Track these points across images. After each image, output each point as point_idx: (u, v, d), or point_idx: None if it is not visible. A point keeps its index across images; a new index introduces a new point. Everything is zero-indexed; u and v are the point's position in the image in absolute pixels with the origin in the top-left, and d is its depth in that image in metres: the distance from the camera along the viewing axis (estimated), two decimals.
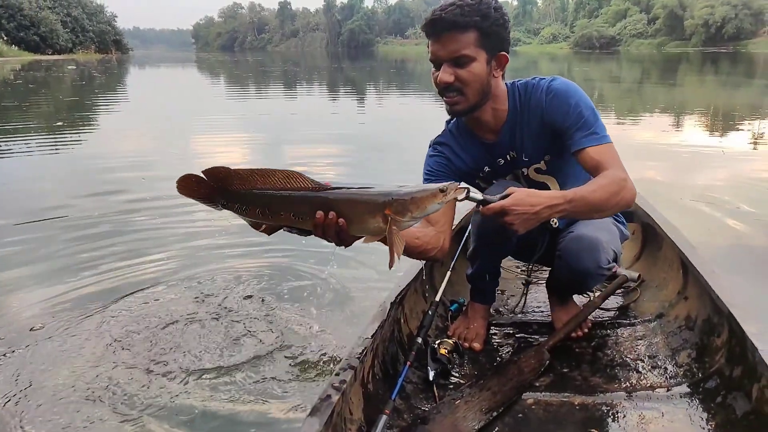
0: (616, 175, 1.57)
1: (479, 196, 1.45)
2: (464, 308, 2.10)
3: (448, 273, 2.08)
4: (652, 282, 2.29)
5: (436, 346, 1.79)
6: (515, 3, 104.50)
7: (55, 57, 51.77)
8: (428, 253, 1.71)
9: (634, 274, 2.28)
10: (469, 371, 1.83)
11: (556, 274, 1.97)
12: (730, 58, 37.07)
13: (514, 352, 1.92)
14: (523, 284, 2.45)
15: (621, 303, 2.22)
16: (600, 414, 1.57)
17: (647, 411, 1.55)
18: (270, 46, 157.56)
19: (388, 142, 7.49)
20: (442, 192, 1.25)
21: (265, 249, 3.33)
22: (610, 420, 1.54)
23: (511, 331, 2.06)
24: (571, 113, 1.64)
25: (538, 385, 1.70)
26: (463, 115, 1.73)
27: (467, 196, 1.36)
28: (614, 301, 2.22)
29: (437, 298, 1.94)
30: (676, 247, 2.16)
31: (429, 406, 1.64)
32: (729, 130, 8.46)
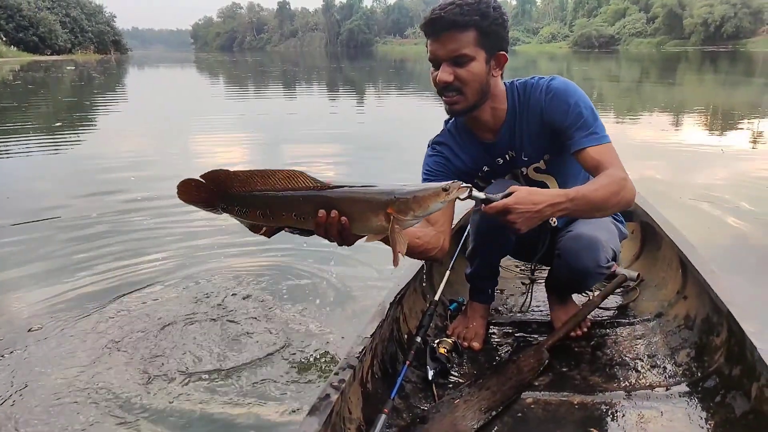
0: (616, 175, 1.57)
1: (481, 195, 1.44)
2: (463, 307, 2.10)
3: (447, 272, 2.08)
4: (652, 281, 2.29)
5: (436, 346, 1.79)
6: (514, 2, 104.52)
7: (54, 57, 51.78)
8: (429, 253, 1.71)
9: (633, 274, 2.28)
10: (468, 370, 1.82)
11: (555, 273, 1.97)
12: (729, 56, 37.08)
13: (514, 351, 1.91)
14: (524, 283, 2.46)
15: (620, 302, 2.22)
16: (599, 413, 1.57)
17: (646, 410, 1.55)
18: (269, 46, 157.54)
19: (387, 142, 7.49)
20: (445, 191, 1.24)
21: (264, 248, 3.32)
22: (609, 419, 1.54)
23: (511, 331, 2.06)
24: (570, 113, 1.64)
25: (537, 384, 1.70)
26: (462, 114, 1.72)
27: (470, 195, 1.35)
28: (613, 301, 2.22)
29: (436, 298, 1.94)
30: (676, 247, 2.16)
31: (428, 405, 1.63)
32: (728, 129, 8.46)
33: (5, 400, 1.94)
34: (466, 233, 2.12)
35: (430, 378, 1.71)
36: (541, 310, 2.19)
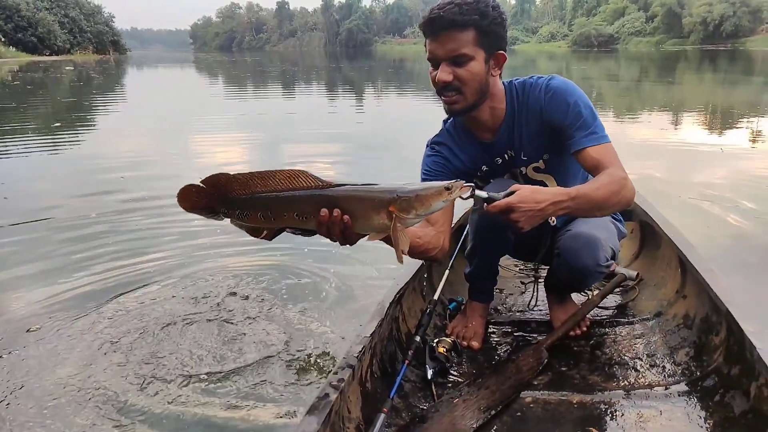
0: (617, 174, 1.57)
1: (484, 194, 1.43)
2: (463, 307, 2.10)
3: (447, 272, 2.08)
4: (651, 280, 2.29)
5: (435, 345, 1.79)
6: (513, 2, 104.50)
7: (52, 58, 51.76)
8: (429, 253, 1.71)
9: (633, 273, 2.28)
10: (467, 370, 1.82)
11: (554, 272, 1.97)
12: (729, 55, 37.08)
13: (513, 350, 1.92)
14: (523, 282, 2.46)
15: (619, 302, 2.22)
16: (598, 412, 1.57)
17: (645, 409, 1.55)
18: (268, 46, 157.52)
19: (387, 141, 7.49)
20: (448, 190, 1.24)
21: (263, 248, 3.32)
22: (608, 418, 1.54)
23: (510, 330, 2.06)
24: (570, 112, 1.64)
25: (536, 383, 1.70)
26: (462, 114, 1.72)
27: (472, 194, 1.35)
28: (613, 300, 2.22)
29: (435, 297, 1.94)
30: (675, 246, 2.16)
31: (427, 404, 1.64)
32: (727, 128, 8.46)
33: (0, 401, 1.93)
34: (465, 232, 2.12)
35: (430, 377, 1.71)
36: (540, 310, 2.19)
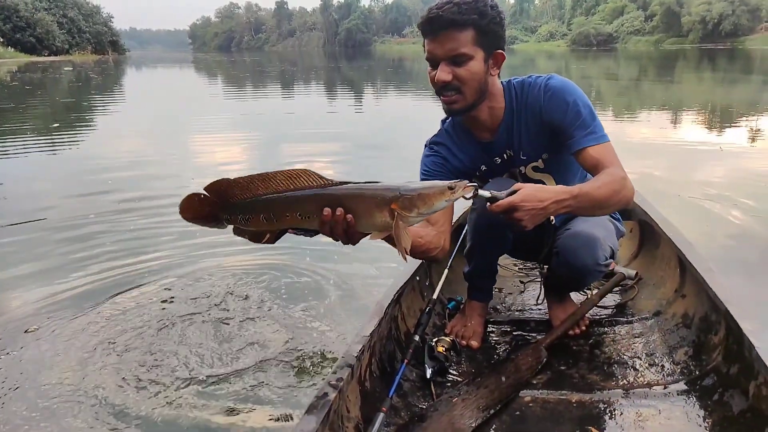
0: (617, 174, 1.57)
1: (487, 194, 1.43)
2: (462, 306, 2.10)
3: (446, 271, 2.08)
4: (650, 280, 2.29)
5: (434, 344, 1.78)
6: (512, 1, 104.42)
7: (51, 58, 51.73)
8: (430, 253, 1.71)
9: (632, 272, 2.29)
10: (466, 369, 1.82)
11: (553, 271, 1.97)
12: (728, 54, 37.07)
13: (512, 349, 1.91)
14: (522, 282, 2.46)
15: (618, 301, 2.22)
16: (597, 411, 1.57)
17: (644, 408, 1.55)
18: (267, 46, 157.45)
19: (386, 141, 7.48)
20: (451, 190, 1.23)
21: (262, 247, 3.31)
22: (608, 417, 1.54)
23: (509, 329, 2.06)
24: (569, 111, 1.64)
25: (535, 382, 1.70)
26: (461, 114, 1.72)
27: (475, 194, 1.34)
28: (612, 299, 2.22)
29: (435, 296, 1.94)
30: (674, 245, 2.16)
31: (426, 403, 1.64)
32: (726, 126, 8.47)
33: None
34: (464, 232, 2.12)
35: (429, 376, 1.71)
36: (540, 309, 2.19)
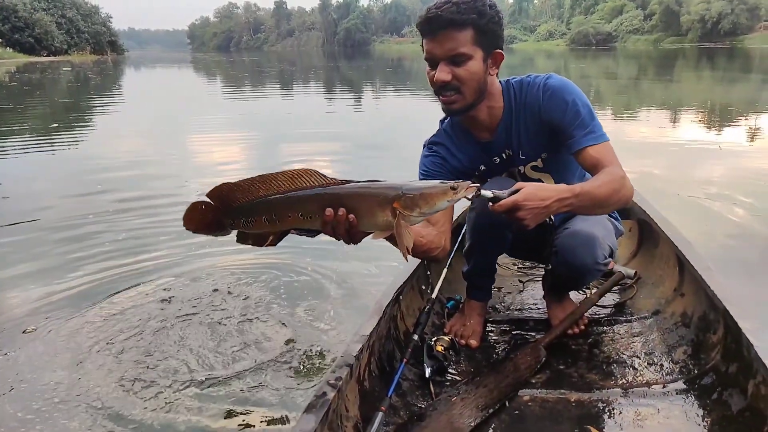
0: (616, 173, 1.57)
1: (489, 194, 1.42)
2: (461, 305, 2.10)
3: (445, 270, 2.08)
4: (649, 279, 2.29)
5: (433, 343, 1.79)
6: (511, 0, 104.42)
7: (50, 59, 51.70)
8: (431, 252, 1.71)
9: (631, 271, 2.29)
10: (465, 368, 1.82)
11: (552, 270, 1.97)
12: (727, 53, 37.08)
13: (511, 349, 1.91)
14: (521, 281, 2.46)
15: (617, 300, 2.22)
16: (596, 410, 1.57)
17: (643, 407, 1.55)
18: (266, 46, 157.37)
19: (386, 140, 7.48)
20: (453, 190, 1.23)
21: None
22: (606, 416, 1.54)
23: (508, 328, 2.06)
24: (568, 111, 1.64)
25: (534, 381, 1.70)
26: (460, 114, 1.71)
27: (478, 194, 1.34)
28: (611, 298, 2.22)
29: (434, 295, 1.94)
30: (673, 244, 2.16)
31: (425, 403, 1.64)
32: (726, 125, 8.46)
33: None
34: (463, 231, 2.12)
35: (428, 376, 1.71)
36: (539, 308, 2.19)
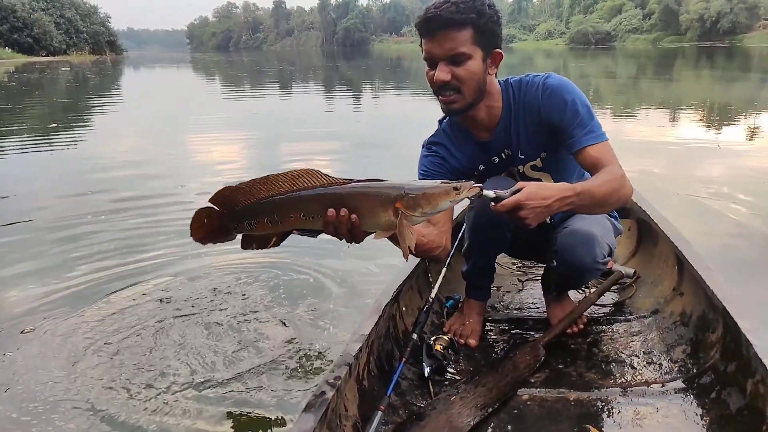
0: (616, 172, 1.58)
1: (491, 194, 1.42)
2: (460, 305, 2.10)
3: (444, 269, 2.07)
4: (648, 278, 2.30)
5: (432, 343, 1.79)
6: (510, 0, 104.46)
7: (48, 59, 51.64)
8: (433, 252, 1.71)
9: (630, 271, 2.29)
10: (464, 367, 1.83)
11: (551, 269, 1.97)
12: (726, 52, 37.12)
13: (510, 348, 1.92)
14: (520, 280, 2.46)
15: (616, 299, 2.22)
16: (595, 409, 1.57)
17: (642, 406, 1.56)
18: (265, 46, 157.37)
19: (385, 140, 7.48)
20: (456, 190, 1.23)
21: None
22: (605, 415, 1.55)
23: (507, 328, 2.06)
24: (567, 110, 1.64)
25: (533, 381, 1.70)
26: (460, 114, 1.71)
27: (480, 194, 1.34)
28: (610, 298, 2.22)
29: (433, 295, 1.94)
30: (672, 243, 2.16)
31: (424, 402, 1.64)
32: (725, 124, 8.47)
33: None
34: (462, 230, 2.12)
35: (427, 375, 1.71)
36: (538, 307, 2.20)
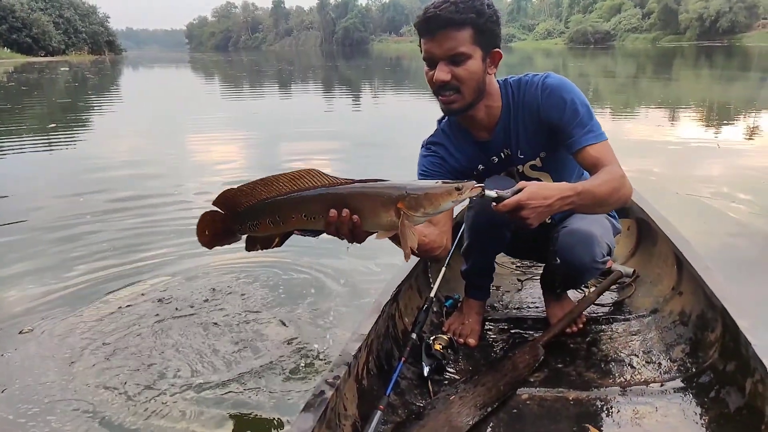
0: (616, 172, 1.58)
1: (493, 194, 1.41)
2: (459, 304, 2.10)
3: (443, 269, 2.07)
4: (647, 277, 2.30)
5: (431, 342, 1.79)
6: None
7: (47, 59, 51.59)
8: (434, 252, 1.71)
9: (629, 270, 2.29)
10: (463, 367, 1.83)
11: (551, 269, 1.97)
12: (725, 51, 37.12)
13: (509, 347, 1.92)
14: (519, 280, 2.46)
15: (616, 298, 2.22)
16: (594, 409, 1.57)
17: (641, 406, 1.56)
18: (264, 46, 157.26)
19: (384, 140, 7.48)
20: (458, 191, 1.22)
21: None
22: (605, 415, 1.55)
23: (506, 327, 2.06)
24: (567, 110, 1.64)
25: (532, 380, 1.71)
26: (459, 113, 1.71)
27: (482, 194, 1.33)
28: (609, 297, 2.22)
29: (432, 294, 1.94)
30: (671, 243, 2.16)
31: (423, 401, 1.64)
32: (724, 124, 8.47)
33: None
34: (461, 230, 2.13)
35: (426, 374, 1.71)
36: (537, 307, 2.20)
